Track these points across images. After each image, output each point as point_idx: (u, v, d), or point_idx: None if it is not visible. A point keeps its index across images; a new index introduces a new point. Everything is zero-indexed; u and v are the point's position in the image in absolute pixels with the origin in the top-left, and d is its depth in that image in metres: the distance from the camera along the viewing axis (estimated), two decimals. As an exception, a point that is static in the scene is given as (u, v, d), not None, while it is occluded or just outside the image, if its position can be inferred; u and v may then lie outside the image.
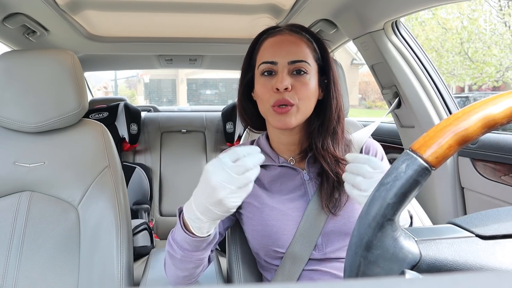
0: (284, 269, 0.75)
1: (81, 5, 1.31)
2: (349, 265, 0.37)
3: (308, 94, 0.73)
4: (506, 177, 1.12)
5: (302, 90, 0.72)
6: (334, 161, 0.75)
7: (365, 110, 16.50)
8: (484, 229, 0.37)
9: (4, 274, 0.90)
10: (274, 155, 0.82)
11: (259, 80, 0.76)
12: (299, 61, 0.73)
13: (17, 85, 0.95)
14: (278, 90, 0.71)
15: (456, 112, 0.37)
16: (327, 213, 0.74)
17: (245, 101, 0.83)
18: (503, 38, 9.26)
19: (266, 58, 0.74)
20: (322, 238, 0.74)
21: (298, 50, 0.74)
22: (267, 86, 0.73)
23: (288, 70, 0.73)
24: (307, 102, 0.74)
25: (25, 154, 0.98)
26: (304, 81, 0.73)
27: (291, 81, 0.72)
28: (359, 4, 1.20)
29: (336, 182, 0.74)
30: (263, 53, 0.76)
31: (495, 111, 0.35)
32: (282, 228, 0.75)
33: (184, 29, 1.65)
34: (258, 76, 0.76)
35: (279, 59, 0.73)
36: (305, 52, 0.74)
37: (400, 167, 0.35)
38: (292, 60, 0.72)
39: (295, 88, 0.72)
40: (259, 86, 0.75)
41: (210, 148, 2.25)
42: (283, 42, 0.75)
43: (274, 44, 0.75)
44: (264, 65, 0.74)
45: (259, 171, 0.59)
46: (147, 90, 18.94)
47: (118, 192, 0.99)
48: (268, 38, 0.77)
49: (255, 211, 0.78)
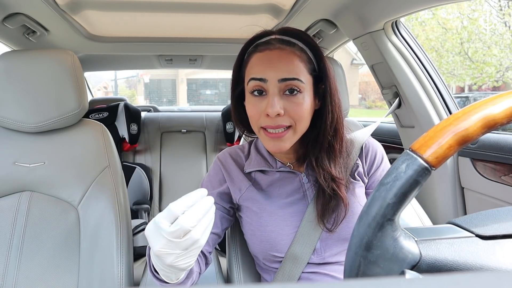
0: (284, 270, 0.74)
1: (81, 5, 1.31)
2: (349, 265, 0.37)
3: (303, 115, 0.68)
4: (506, 177, 1.12)
5: (296, 111, 0.67)
6: (329, 178, 0.71)
7: (365, 110, 16.50)
8: (484, 229, 0.37)
9: (4, 274, 0.90)
10: (272, 160, 0.80)
11: (249, 99, 0.71)
12: (291, 79, 0.66)
13: (17, 85, 0.95)
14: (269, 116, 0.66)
15: (456, 112, 0.37)
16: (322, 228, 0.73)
17: (239, 109, 0.79)
18: (503, 38, 9.26)
19: (254, 74, 0.68)
20: (320, 243, 0.74)
21: (289, 67, 0.67)
22: (257, 108, 0.69)
23: (279, 90, 0.67)
24: (303, 122, 0.69)
25: (25, 154, 0.98)
26: (297, 101, 0.67)
27: (283, 103, 0.67)
28: (359, 4, 1.20)
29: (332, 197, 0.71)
30: (251, 68, 0.70)
31: (495, 111, 0.35)
32: (280, 233, 0.74)
33: (184, 29, 1.65)
34: (248, 94, 0.71)
35: (269, 76, 0.67)
36: (297, 68, 0.67)
37: (400, 167, 0.35)
38: (283, 78, 0.66)
39: (288, 111, 0.67)
40: (250, 107, 0.71)
41: (210, 148, 2.25)
42: (272, 58, 0.68)
43: (263, 60, 0.69)
44: (253, 82, 0.68)
45: (212, 217, 0.51)
46: (147, 90, 18.94)
47: (118, 192, 0.99)
48: (256, 52, 0.70)
49: (253, 216, 0.77)
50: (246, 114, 0.77)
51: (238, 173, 0.80)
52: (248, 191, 0.78)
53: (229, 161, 0.82)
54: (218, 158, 0.84)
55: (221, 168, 0.82)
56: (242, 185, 0.79)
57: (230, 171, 0.81)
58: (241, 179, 0.80)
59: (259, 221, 0.76)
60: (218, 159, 0.84)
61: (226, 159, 0.83)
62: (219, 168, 0.82)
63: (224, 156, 0.84)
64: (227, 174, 0.81)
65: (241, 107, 0.79)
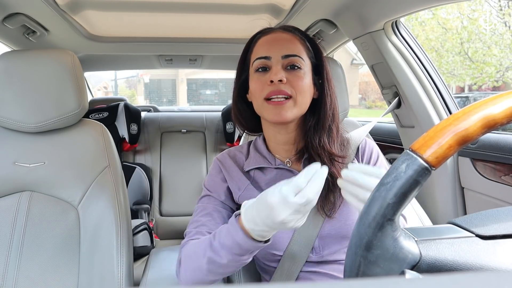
0: (283, 269, 0.74)
1: (81, 5, 1.31)
2: (349, 265, 0.37)
3: (304, 88, 0.73)
4: (506, 177, 1.12)
5: (297, 83, 0.72)
6: (329, 158, 0.74)
7: (365, 110, 16.50)
8: (484, 229, 0.37)
9: (4, 274, 0.90)
10: (271, 157, 0.81)
11: (253, 77, 0.76)
12: (293, 55, 0.73)
13: (17, 85, 0.95)
14: (272, 83, 0.71)
15: (456, 112, 0.37)
16: (322, 215, 0.74)
17: (240, 103, 0.83)
18: (503, 38, 9.26)
19: (259, 54, 0.75)
20: (319, 241, 0.74)
21: (291, 46, 0.74)
22: (262, 81, 0.73)
23: (282, 65, 0.73)
24: (303, 95, 0.73)
25: (25, 154, 0.98)
26: (299, 75, 0.73)
27: (286, 75, 0.72)
28: (359, 4, 1.20)
29: (330, 183, 0.73)
30: (257, 50, 0.77)
31: (495, 111, 0.35)
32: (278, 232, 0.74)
33: (184, 29, 1.65)
34: (253, 73, 0.76)
35: (273, 53, 0.73)
36: (298, 48, 0.75)
37: (400, 167, 0.35)
38: (286, 54, 0.73)
39: (290, 81, 0.72)
40: (253, 82, 0.75)
41: (210, 148, 2.25)
42: (276, 38, 0.76)
43: (268, 41, 0.76)
44: (258, 61, 0.74)
45: (323, 181, 0.58)
46: (147, 90, 18.93)
47: (118, 192, 0.99)
48: (261, 37, 0.78)
49: None
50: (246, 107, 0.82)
51: (237, 172, 0.81)
52: (247, 190, 0.79)
53: (228, 161, 0.84)
54: (217, 158, 0.86)
55: (221, 168, 0.83)
56: (241, 184, 0.80)
57: (230, 170, 0.82)
58: (240, 178, 0.81)
59: None
60: (217, 159, 0.85)
61: (225, 159, 0.84)
62: (219, 168, 0.83)
63: (223, 157, 0.86)
64: (227, 173, 0.82)
65: (242, 100, 0.82)
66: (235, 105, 0.83)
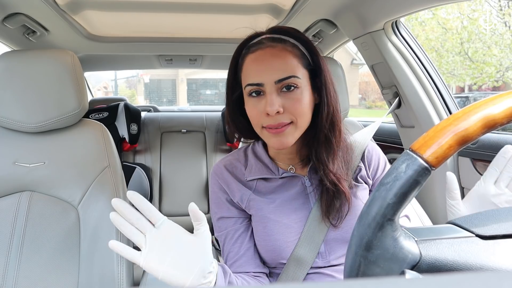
0: (288, 273, 0.73)
1: (81, 5, 1.31)
2: (349, 265, 0.37)
3: (303, 110, 0.68)
4: (506, 177, 1.11)
5: (295, 107, 0.67)
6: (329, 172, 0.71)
7: (365, 110, 16.49)
8: (484, 229, 0.37)
9: (4, 274, 0.90)
10: (274, 167, 0.78)
11: (248, 101, 0.71)
12: (287, 78, 0.66)
13: (17, 85, 0.95)
14: (269, 115, 0.66)
15: (456, 112, 0.37)
16: (327, 224, 0.73)
17: (236, 115, 0.78)
18: (503, 38, 9.26)
19: (251, 79, 0.68)
20: (325, 246, 0.74)
21: (283, 65, 0.67)
22: (257, 108, 0.68)
23: (276, 89, 0.67)
24: (303, 117, 0.69)
25: (25, 154, 0.98)
26: (296, 97, 0.67)
27: (282, 102, 0.66)
28: (359, 4, 1.20)
29: (335, 193, 0.71)
30: (246, 73, 0.70)
31: (495, 111, 0.35)
32: (285, 241, 0.73)
33: (184, 29, 1.65)
34: (246, 96, 0.71)
35: (265, 79, 0.66)
36: (291, 64, 0.67)
37: (400, 167, 0.35)
38: (279, 79, 0.66)
39: (287, 108, 0.67)
40: (249, 108, 0.70)
41: (210, 148, 2.25)
42: (265, 58, 0.68)
43: (256, 62, 0.69)
44: (250, 87, 0.68)
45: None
46: (147, 90, 18.93)
47: (118, 192, 0.99)
48: (248, 54, 0.70)
49: (258, 226, 0.76)
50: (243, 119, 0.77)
51: (237, 184, 0.78)
52: (250, 200, 0.77)
53: (225, 174, 0.80)
54: (214, 173, 0.81)
55: (219, 181, 0.80)
56: (243, 195, 0.77)
57: (229, 184, 0.79)
58: (240, 190, 0.77)
59: (264, 230, 0.75)
60: (214, 174, 0.81)
61: (222, 172, 0.80)
62: (218, 182, 0.80)
63: (219, 170, 0.81)
64: (227, 187, 0.79)
65: (238, 111, 0.77)
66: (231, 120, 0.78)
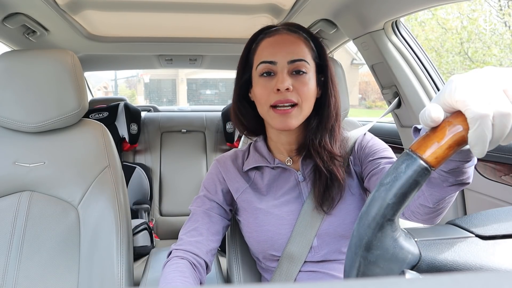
0: (282, 269, 0.75)
1: (81, 5, 1.31)
2: (349, 266, 0.37)
3: (309, 94, 0.72)
4: (506, 177, 1.12)
5: (303, 90, 0.71)
6: (329, 157, 0.74)
7: (365, 110, 16.49)
8: (484, 229, 0.37)
9: (4, 274, 0.90)
10: (270, 157, 0.81)
11: (258, 81, 0.74)
12: (299, 60, 0.71)
13: (17, 85, 0.95)
14: (279, 91, 0.70)
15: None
16: (320, 212, 0.74)
17: (242, 102, 0.81)
18: (503, 38, 9.26)
19: (265, 57, 0.73)
20: (317, 240, 0.74)
21: (297, 49, 0.73)
22: (267, 87, 0.72)
23: (287, 70, 0.71)
24: (308, 101, 0.73)
25: (25, 154, 0.98)
26: (304, 81, 0.72)
27: (291, 81, 0.71)
28: (359, 4, 1.20)
29: (329, 179, 0.74)
30: (261, 52, 0.74)
31: (495, 111, 0.35)
32: (277, 232, 0.75)
33: (184, 29, 1.65)
34: (257, 77, 0.74)
35: (279, 58, 0.71)
36: (304, 51, 0.73)
37: (400, 167, 0.35)
38: (291, 60, 0.71)
39: (295, 89, 0.71)
40: (259, 88, 0.74)
41: (210, 148, 2.25)
42: (281, 41, 0.73)
43: (272, 44, 0.74)
44: (263, 65, 0.73)
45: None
46: (147, 90, 18.92)
47: (118, 192, 0.99)
48: (265, 38, 0.76)
49: (249, 217, 0.78)
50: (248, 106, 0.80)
51: (236, 174, 0.82)
52: (245, 192, 0.80)
53: (228, 163, 0.84)
54: (217, 160, 0.86)
55: (220, 169, 0.84)
56: (239, 186, 0.81)
57: (228, 172, 0.82)
58: (239, 180, 0.81)
59: (255, 221, 0.77)
60: (217, 161, 0.86)
61: (225, 161, 0.85)
62: (218, 169, 0.84)
63: (223, 158, 0.86)
64: (226, 175, 0.82)
65: (244, 99, 0.81)
66: (235, 106, 0.81)
